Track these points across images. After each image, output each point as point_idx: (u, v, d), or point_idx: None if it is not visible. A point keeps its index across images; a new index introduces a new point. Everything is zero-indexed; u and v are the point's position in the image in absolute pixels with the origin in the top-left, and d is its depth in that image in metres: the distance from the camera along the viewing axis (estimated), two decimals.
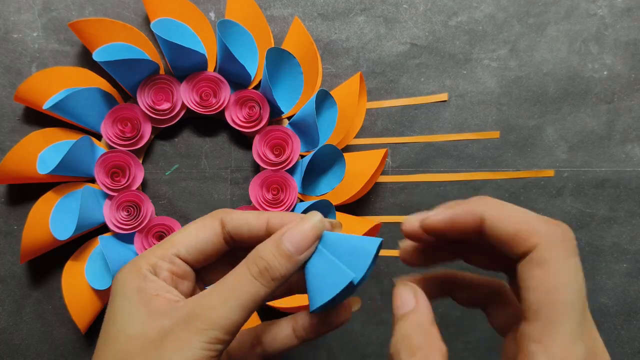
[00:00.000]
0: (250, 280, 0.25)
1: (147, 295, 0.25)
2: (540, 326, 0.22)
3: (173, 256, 0.26)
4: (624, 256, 0.44)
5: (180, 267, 0.27)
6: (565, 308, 0.23)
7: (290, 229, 0.25)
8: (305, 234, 0.25)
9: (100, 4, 0.44)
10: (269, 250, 0.25)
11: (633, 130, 0.45)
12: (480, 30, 0.45)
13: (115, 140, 0.42)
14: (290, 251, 0.25)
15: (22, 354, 0.43)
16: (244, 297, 0.24)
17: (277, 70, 0.42)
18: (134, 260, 0.26)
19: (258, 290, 0.24)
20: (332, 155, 0.42)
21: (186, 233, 0.27)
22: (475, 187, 0.45)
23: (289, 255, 0.25)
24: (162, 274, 0.26)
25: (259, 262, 0.25)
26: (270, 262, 0.25)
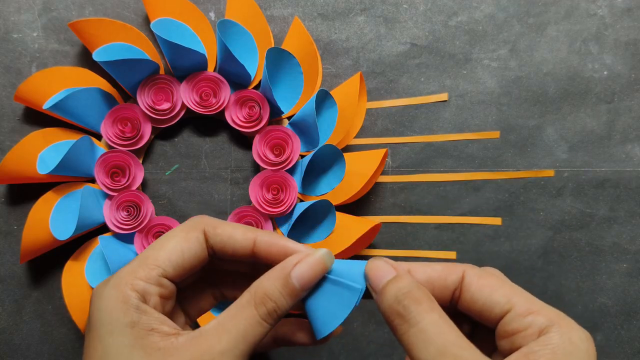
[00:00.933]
0: (260, 323, 0.24)
1: (142, 333, 0.22)
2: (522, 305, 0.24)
3: (160, 278, 0.24)
4: (624, 256, 0.44)
5: (168, 288, 0.25)
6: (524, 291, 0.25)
7: (299, 264, 0.24)
8: (314, 271, 0.24)
9: (100, 4, 0.44)
10: (277, 288, 0.24)
11: (633, 130, 0.45)
12: (480, 30, 0.45)
13: (115, 140, 0.42)
14: (296, 288, 0.24)
15: (22, 354, 0.43)
16: (252, 340, 0.23)
17: (277, 70, 0.42)
18: (117, 284, 0.23)
19: (265, 331, 0.24)
20: (332, 155, 0.42)
21: (170, 249, 0.25)
22: (475, 187, 0.45)
23: (296, 292, 0.24)
24: (153, 300, 0.24)
25: (268, 304, 0.24)
26: (278, 301, 0.24)
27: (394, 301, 0.23)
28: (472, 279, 0.25)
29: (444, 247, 0.44)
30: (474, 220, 0.45)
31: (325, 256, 0.25)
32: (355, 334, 0.44)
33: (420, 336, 0.22)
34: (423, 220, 0.44)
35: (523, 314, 0.23)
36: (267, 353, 0.43)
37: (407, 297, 0.23)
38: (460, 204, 0.44)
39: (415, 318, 0.22)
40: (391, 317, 0.23)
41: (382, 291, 0.24)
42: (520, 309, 0.23)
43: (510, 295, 0.24)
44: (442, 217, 0.44)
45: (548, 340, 0.22)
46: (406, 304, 0.23)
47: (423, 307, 0.22)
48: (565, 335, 0.22)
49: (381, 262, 0.25)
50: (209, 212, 0.44)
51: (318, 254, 0.25)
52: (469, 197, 0.44)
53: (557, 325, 0.22)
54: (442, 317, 0.22)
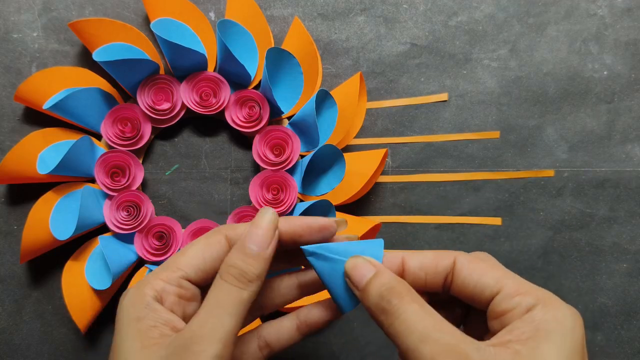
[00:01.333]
0: (229, 288, 0.25)
1: (145, 326, 0.24)
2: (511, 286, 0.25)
3: (181, 279, 0.26)
4: (624, 256, 0.44)
5: (189, 290, 0.26)
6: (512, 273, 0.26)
7: (249, 231, 0.26)
8: (264, 230, 0.26)
9: (100, 4, 0.44)
10: (237, 257, 0.26)
11: (633, 130, 0.45)
12: (480, 30, 0.45)
13: (115, 140, 0.42)
14: (255, 251, 0.26)
15: (22, 354, 0.43)
16: (228, 304, 0.24)
17: (277, 70, 0.42)
18: (140, 285, 0.26)
19: (240, 295, 0.25)
20: (332, 155, 0.42)
21: (192, 253, 0.27)
22: (475, 187, 0.45)
23: (256, 254, 0.26)
24: (169, 299, 0.26)
25: (231, 270, 0.25)
26: (241, 266, 0.25)
27: (378, 298, 0.25)
28: (463, 264, 0.26)
29: (444, 247, 0.44)
30: (474, 220, 0.45)
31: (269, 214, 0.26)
32: (355, 334, 0.44)
33: (403, 326, 0.23)
34: (423, 220, 0.44)
35: (512, 295, 0.24)
36: None
37: (389, 292, 0.24)
38: (460, 204, 0.44)
39: (398, 311, 0.24)
40: (376, 312, 0.25)
41: (365, 289, 0.26)
42: (509, 290, 0.24)
43: (500, 278, 0.25)
44: (442, 217, 0.44)
45: (532, 317, 0.23)
46: (389, 299, 0.24)
47: (404, 300, 0.24)
48: (549, 313, 0.23)
49: (360, 260, 0.26)
50: (209, 212, 0.44)
51: (263, 215, 0.26)
52: (469, 197, 0.44)
53: (542, 303, 0.23)
54: (423, 306, 0.24)
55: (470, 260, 0.26)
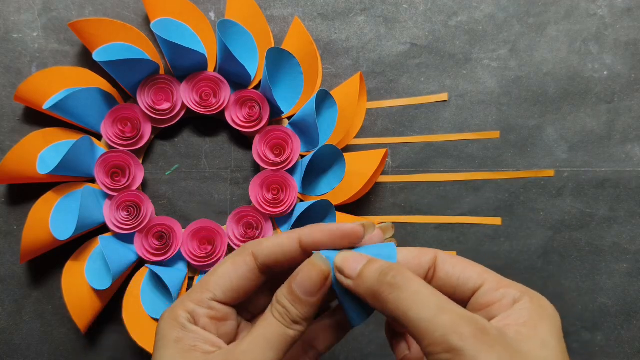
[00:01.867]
0: (276, 324, 0.25)
1: (185, 347, 0.25)
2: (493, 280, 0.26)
3: (210, 301, 0.27)
4: (624, 256, 0.44)
5: (220, 311, 0.27)
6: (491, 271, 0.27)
7: (299, 274, 0.26)
8: (313, 280, 0.26)
9: (100, 4, 0.44)
10: (284, 296, 0.26)
11: (633, 130, 0.45)
12: (480, 30, 0.45)
13: (115, 140, 0.42)
14: (301, 297, 0.26)
15: (22, 354, 0.43)
16: (273, 339, 0.25)
17: (277, 70, 0.42)
18: (173, 307, 0.27)
19: (285, 332, 0.25)
20: (332, 155, 0.42)
21: (220, 274, 0.27)
22: (475, 187, 0.45)
23: (302, 300, 0.26)
24: (202, 321, 0.26)
25: (278, 307, 0.26)
26: (288, 307, 0.26)
27: (380, 274, 0.24)
28: (444, 259, 0.27)
29: (444, 247, 0.44)
30: (474, 220, 0.45)
31: (322, 265, 0.26)
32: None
33: (415, 297, 0.23)
34: (423, 220, 0.44)
35: (495, 288, 0.25)
36: None
37: (390, 269, 0.24)
38: (460, 204, 0.44)
39: (406, 284, 0.24)
40: (380, 289, 0.24)
41: (360, 274, 0.25)
42: (492, 284, 0.25)
43: (482, 272, 0.26)
44: (442, 217, 0.44)
45: (522, 306, 0.24)
46: (394, 274, 0.24)
47: (409, 275, 0.24)
48: (536, 303, 0.24)
49: (350, 253, 0.26)
50: (209, 212, 0.44)
51: (316, 263, 0.26)
52: (469, 197, 0.44)
53: (527, 295, 0.25)
54: (426, 284, 0.24)
55: (451, 257, 0.27)
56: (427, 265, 0.27)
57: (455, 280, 0.26)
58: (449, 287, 0.26)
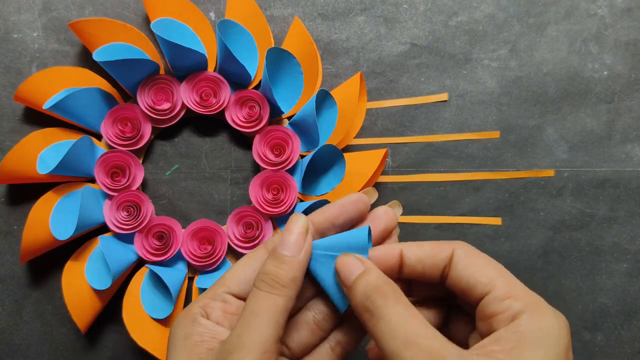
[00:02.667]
0: (263, 296, 0.25)
1: (192, 342, 0.25)
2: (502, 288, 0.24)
3: (224, 294, 0.27)
4: (624, 256, 0.44)
5: (233, 304, 0.27)
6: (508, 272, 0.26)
7: (281, 238, 0.27)
8: (296, 235, 0.26)
9: (100, 4, 0.44)
10: (269, 263, 0.26)
11: (633, 130, 0.45)
12: (480, 30, 0.45)
13: (115, 140, 0.42)
14: (288, 256, 0.26)
15: (22, 354, 0.43)
16: (263, 313, 0.25)
17: (277, 70, 0.42)
18: (189, 306, 0.27)
19: (274, 302, 0.25)
20: (332, 155, 0.42)
21: (235, 269, 0.28)
22: (475, 187, 0.45)
23: (289, 259, 0.26)
24: (214, 314, 0.26)
25: (264, 277, 0.26)
26: (274, 271, 0.26)
27: (363, 297, 0.25)
28: (459, 257, 0.26)
29: None
30: (474, 220, 0.45)
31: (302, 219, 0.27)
32: None
33: (386, 328, 0.23)
34: (423, 220, 0.44)
35: (502, 297, 0.24)
36: None
37: (374, 292, 0.24)
38: (460, 204, 0.44)
39: (382, 312, 0.23)
40: (361, 312, 0.25)
41: (352, 287, 0.25)
42: (499, 292, 0.24)
43: (493, 276, 0.25)
44: (442, 217, 0.44)
45: (516, 327, 0.23)
46: (373, 299, 0.24)
47: (389, 301, 0.24)
48: (535, 322, 0.23)
49: (350, 258, 0.26)
50: (209, 212, 0.44)
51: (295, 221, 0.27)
52: (469, 197, 0.44)
53: (530, 310, 0.23)
54: (408, 308, 0.24)
55: (468, 254, 0.26)
56: (442, 263, 0.26)
57: (465, 283, 0.25)
58: (459, 289, 0.26)
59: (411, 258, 0.27)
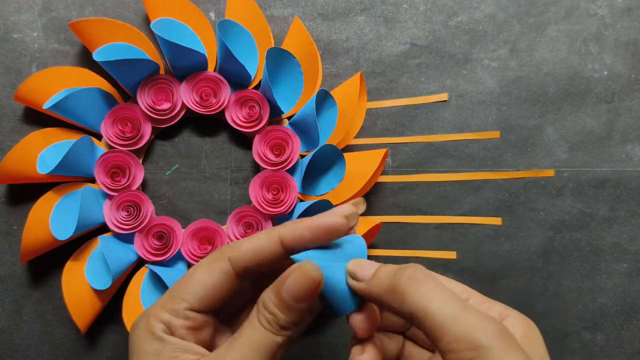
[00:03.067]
0: (263, 331, 0.24)
1: (166, 359, 0.24)
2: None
3: (186, 311, 0.25)
4: (624, 256, 0.44)
5: (196, 320, 0.26)
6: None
7: (289, 280, 0.24)
8: (305, 288, 0.24)
9: (100, 4, 0.44)
10: (271, 300, 0.25)
11: (633, 130, 0.45)
12: (480, 30, 0.45)
13: (115, 140, 0.42)
14: (290, 303, 0.24)
15: (22, 354, 0.43)
16: (261, 346, 0.24)
17: (277, 70, 0.42)
18: (147, 317, 0.25)
19: (273, 339, 0.24)
20: (332, 155, 0.42)
21: (194, 282, 0.26)
22: (475, 187, 0.45)
23: (290, 306, 0.24)
24: (178, 332, 0.25)
25: (265, 314, 0.24)
26: (274, 312, 0.24)
27: (399, 270, 0.24)
28: None
29: (444, 247, 0.44)
30: (474, 220, 0.45)
31: (309, 269, 0.24)
32: None
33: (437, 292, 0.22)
34: (423, 220, 0.44)
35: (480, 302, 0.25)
36: None
37: (411, 265, 0.24)
38: (460, 204, 0.44)
39: (426, 279, 0.23)
40: (398, 283, 0.23)
41: (375, 274, 0.24)
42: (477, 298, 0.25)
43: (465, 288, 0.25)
44: (442, 217, 0.44)
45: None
46: (414, 269, 0.23)
47: (428, 271, 0.23)
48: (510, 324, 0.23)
49: (364, 260, 0.26)
50: (209, 212, 0.44)
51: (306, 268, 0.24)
52: (469, 197, 0.44)
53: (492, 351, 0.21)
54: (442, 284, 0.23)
55: None
56: None
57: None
58: None
59: None
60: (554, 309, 0.44)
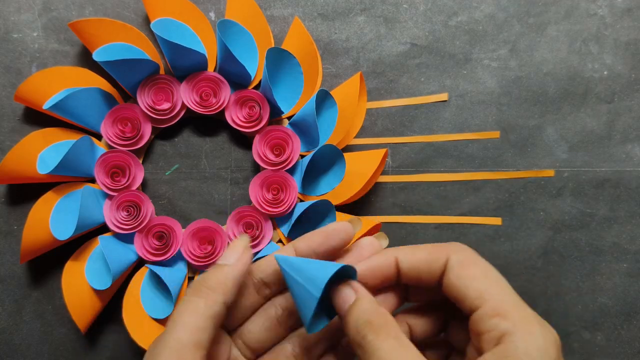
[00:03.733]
0: (186, 301, 0.25)
1: None
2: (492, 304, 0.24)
3: None
4: (624, 256, 0.44)
5: None
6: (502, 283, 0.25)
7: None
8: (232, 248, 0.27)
9: (100, 4, 0.44)
10: (206, 272, 0.27)
11: (633, 130, 0.45)
12: (480, 30, 0.45)
13: (115, 140, 0.42)
14: (221, 264, 0.27)
15: (22, 354, 0.43)
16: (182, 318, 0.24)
17: (277, 70, 0.42)
18: None
19: (196, 305, 0.25)
20: (332, 155, 0.42)
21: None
22: (475, 187, 0.45)
23: (220, 266, 0.26)
24: None
25: (192, 284, 0.26)
26: (203, 276, 0.26)
27: (355, 332, 0.24)
28: (453, 266, 0.25)
29: None
30: (474, 220, 0.45)
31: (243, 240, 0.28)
32: None
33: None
34: (423, 220, 0.44)
35: (490, 315, 0.23)
36: None
37: (365, 326, 0.24)
38: (460, 204, 0.44)
39: (372, 347, 0.23)
40: (354, 346, 0.24)
41: (344, 319, 0.25)
42: (488, 308, 0.23)
43: (484, 291, 0.24)
44: (442, 217, 0.44)
45: (501, 351, 0.22)
46: (364, 334, 0.24)
47: (380, 336, 0.23)
48: (521, 347, 0.22)
49: (343, 288, 0.26)
50: (209, 212, 0.44)
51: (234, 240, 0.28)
52: (469, 197, 0.44)
53: (515, 333, 0.22)
54: (400, 341, 0.23)
55: (462, 264, 0.25)
56: (437, 271, 0.26)
57: (456, 294, 0.25)
58: (452, 298, 0.25)
59: (406, 266, 0.26)
60: (554, 309, 0.44)
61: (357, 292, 0.25)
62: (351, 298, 0.25)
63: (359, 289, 0.26)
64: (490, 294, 0.24)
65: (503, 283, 0.24)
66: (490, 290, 0.24)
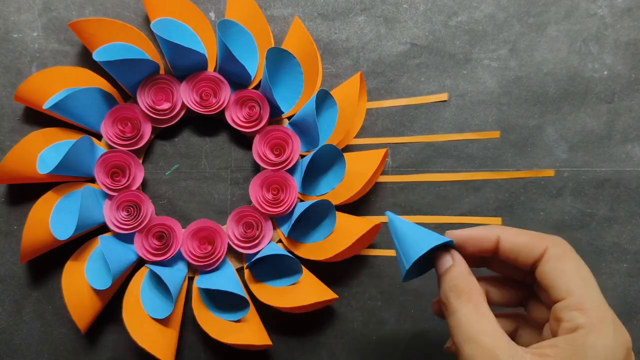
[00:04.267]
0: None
1: None
2: (576, 299, 0.26)
3: None
4: (624, 256, 0.44)
5: None
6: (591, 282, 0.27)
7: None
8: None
9: (100, 4, 0.44)
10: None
11: (633, 130, 0.45)
12: (480, 30, 0.45)
13: (115, 140, 0.42)
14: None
15: (22, 354, 0.43)
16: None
17: (277, 70, 0.42)
18: None
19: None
20: (332, 155, 0.42)
21: None
22: (475, 187, 0.45)
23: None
24: None
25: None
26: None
27: (444, 293, 0.28)
28: (550, 258, 0.28)
29: None
30: (474, 220, 0.45)
31: None
32: (356, 334, 0.44)
33: (454, 323, 0.27)
34: (423, 220, 0.44)
35: (572, 307, 0.26)
36: (266, 352, 0.43)
37: (451, 290, 0.28)
38: (460, 204, 0.44)
39: (453, 308, 0.27)
40: (442, 303, 0.29)
41: (440, 280, 0.29)
42: (572, 302, 0.26)
43: (573, 286, 0.26)
44: (442, 217, 0.44)
45: (573, 339, 0.25)
46: (449, 296, 0.28)
47: (461, 299, 0.27)
48: (591, 339, 0.24)
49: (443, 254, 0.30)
50: (209, 212, 0.44)
51: None
52: (469, 197, 0.44)
53: (589, 328, 0.25)
54: (477, 306, 0.27)
55: (559, 258, 0.27)
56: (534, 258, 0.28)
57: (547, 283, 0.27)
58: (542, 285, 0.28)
59: (507, 245, 0.29)
60: None
61: (454, 259, 0.29)
62: (448, 263, 0.29)
63: (456, 258, 0.29)
64: (577, 289, 0.26)
65: (591, 282, 0.27)
66: (578, 286, 0.26)
